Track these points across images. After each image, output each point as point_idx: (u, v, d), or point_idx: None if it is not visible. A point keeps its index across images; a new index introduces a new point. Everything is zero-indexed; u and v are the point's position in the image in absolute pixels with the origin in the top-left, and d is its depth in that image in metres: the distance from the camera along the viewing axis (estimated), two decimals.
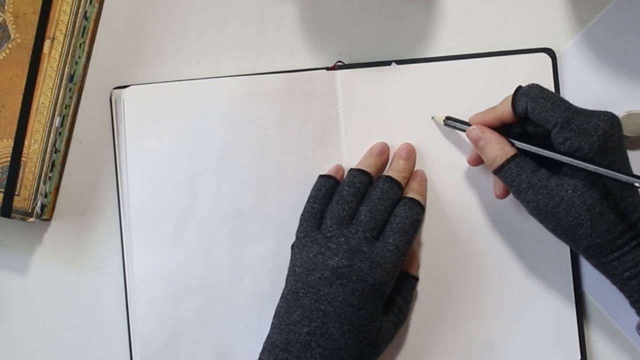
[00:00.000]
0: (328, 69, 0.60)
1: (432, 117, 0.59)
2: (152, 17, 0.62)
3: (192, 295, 0.59)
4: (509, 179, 0.53)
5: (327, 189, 0.57)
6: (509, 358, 0.59)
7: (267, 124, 0.60)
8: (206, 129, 0.59)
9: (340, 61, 0.61)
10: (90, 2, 0.60)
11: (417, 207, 0.56)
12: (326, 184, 0.57)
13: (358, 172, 0.57)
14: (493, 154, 0.54)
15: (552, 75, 0.59)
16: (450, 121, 0.58)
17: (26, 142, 0.58)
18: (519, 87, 0.53)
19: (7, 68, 0.59)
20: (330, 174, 0.58)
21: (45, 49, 0.59)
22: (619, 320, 0.59)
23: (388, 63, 0.60)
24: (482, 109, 0.57)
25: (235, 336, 0.59)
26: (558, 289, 0.59)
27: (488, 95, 0.57)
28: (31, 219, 0.58)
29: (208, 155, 0.59)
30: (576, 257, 0.59)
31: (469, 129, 0.56)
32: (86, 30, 0.60)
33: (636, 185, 0.49)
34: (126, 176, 0.60)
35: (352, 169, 0.58)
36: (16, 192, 0.58)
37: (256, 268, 0.59)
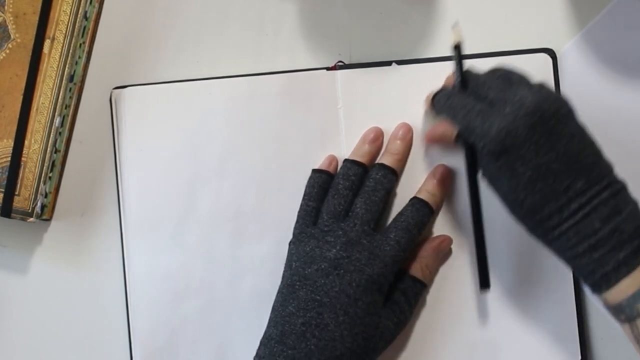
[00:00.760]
0: (328, 69, 0.60)
1: (453, 26, 0.56)
2: (152, 17, 0.62)
3: (192, 295, 0.59)
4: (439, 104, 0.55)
5: (321, 184, 0.57)
6: (509, 358, 0.58)
7: (267, 124, 0.60)
8: (206, 129, 0.59)
9: (340, 61, 0.61)
10: (90, 2, 0.60)
11: (424, 209, 0.56)
12: (319, 179, 0.57)
13: (352, 164, 0.57)
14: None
15: (552, 75, 0.59)
16: (457, 51, 0.55)
17: (26, 142, 0.58)
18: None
19: (7, 68, 0.59)
20: (323, 167, 0.58)
21: (45, 49, 0.59)
22: None
23: (388, 63, 0.60)
24: None
25: (235, 336, 0.59)
26: (558, 288, 0.59)
27: None
28: (31, 219, 0.58)
29: (208, 155, 0.59)
30: None
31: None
32: (86, 30, 0.60)
33: None
34: (126, 176, 0.60)
35: (346, 160, 0.58)
36: (16, 192, 0.58)
37: (256, 268, 0.59)
